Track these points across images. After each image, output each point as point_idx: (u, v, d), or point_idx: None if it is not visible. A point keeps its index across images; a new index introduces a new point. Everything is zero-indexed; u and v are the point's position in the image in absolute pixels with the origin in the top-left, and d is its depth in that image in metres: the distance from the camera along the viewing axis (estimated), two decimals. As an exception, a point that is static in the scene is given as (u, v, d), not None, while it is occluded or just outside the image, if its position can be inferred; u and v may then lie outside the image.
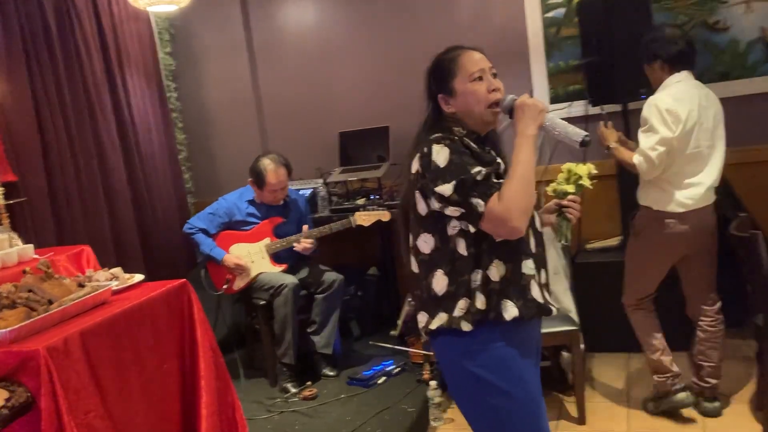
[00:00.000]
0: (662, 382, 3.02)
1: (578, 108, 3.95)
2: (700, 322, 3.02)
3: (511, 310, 1.72)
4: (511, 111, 1.79)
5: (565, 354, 3.38)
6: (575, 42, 3.96)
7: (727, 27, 3.80)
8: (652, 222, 2.90)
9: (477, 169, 1.68)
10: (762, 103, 3.78)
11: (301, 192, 4.15)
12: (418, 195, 1.77)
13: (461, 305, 1.73)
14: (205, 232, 3.70)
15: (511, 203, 1.64)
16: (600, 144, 3.01)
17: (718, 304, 3.02)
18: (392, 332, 4.04)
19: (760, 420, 2.83)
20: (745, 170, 3.78)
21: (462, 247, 1.73)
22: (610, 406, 3.23)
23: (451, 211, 1.70)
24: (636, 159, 2.80)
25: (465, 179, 1.67)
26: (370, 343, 4.05)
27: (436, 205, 1.72)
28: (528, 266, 1.76)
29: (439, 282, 1.76)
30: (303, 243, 3.66)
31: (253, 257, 3.70)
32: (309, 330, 3.71)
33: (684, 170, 2.81)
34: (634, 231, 3.01)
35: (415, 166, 1.76)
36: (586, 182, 1.91)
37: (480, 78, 1.80)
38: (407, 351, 3.71)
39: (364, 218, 3.66)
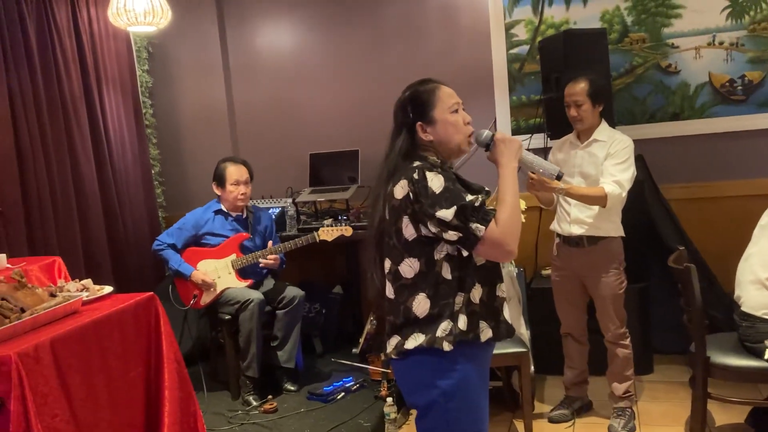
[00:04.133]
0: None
1: (538, 140, 4.15)
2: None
3: (486, 332, 1.86)
4: (487, 145, 1.94)
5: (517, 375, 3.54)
6: (537, 78, 4.18)
7: (678, 70, 4.04)
8: (621, 248, 3.21)
9: (472, 196, 1.81)
10: (707, 143, 4.02)
11: (270, 210, 4.28)
12: (406, 220, 1.82)
13: (444, 326, 1.81)
14: (173, 247, 3.80)
15: (507, 228, 1.78)
16: (542, 189, 2.99)
17: None
18: (354, 350, 4.16)
19: (692, 441, 3.01)
20: (691, 205, 4.02)
21: (446, 271, 1.83)
22: (557, 426, 3.38)
23: (450, 235, 1.77)
24: (610, 188, 3.01)
25: (465, 205, 1.76)
26: (332, 359, 4.15)
27: (433, 229, 1.79)
28: (501, 289, 1.92)
29: (421, 305, 1.83)
30: (268, 258, 3.78)
31: (219, 273, 3.81)
32: (273, 344, 3.81)
33: None
34: (618, 263, 3.18)
35: (403, 191, 1.81)
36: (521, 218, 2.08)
37: (456, 111, 1.94)
38: (367, 368, 3.84)
39: (327, 233, 3.81)
